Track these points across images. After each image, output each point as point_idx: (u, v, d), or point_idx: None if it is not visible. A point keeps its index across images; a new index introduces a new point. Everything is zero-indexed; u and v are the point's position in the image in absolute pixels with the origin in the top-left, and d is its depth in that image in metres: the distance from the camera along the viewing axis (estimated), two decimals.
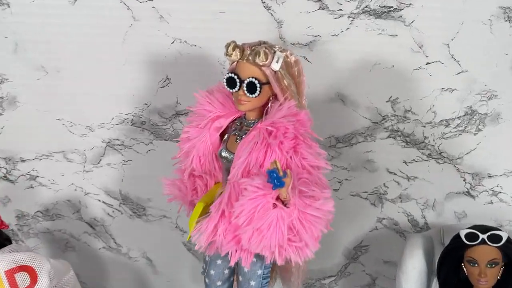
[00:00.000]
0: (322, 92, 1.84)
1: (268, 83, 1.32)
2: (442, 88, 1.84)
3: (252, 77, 1.30)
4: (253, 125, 1.38)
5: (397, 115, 1.87)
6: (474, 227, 1.51)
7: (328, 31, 1.78)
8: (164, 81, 1.86)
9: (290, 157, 1.29)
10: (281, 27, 1.79)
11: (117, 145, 1.93)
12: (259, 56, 1.28)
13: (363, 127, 1.89)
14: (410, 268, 1.62)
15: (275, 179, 1.22)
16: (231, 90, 1.34)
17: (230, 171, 1.36)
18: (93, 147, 1.97)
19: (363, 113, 1.88)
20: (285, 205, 1.28)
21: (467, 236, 1.48)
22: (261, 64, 1.30)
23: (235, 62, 1.34)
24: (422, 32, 1.78)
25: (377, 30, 1.79)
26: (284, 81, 1.33)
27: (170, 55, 1.82)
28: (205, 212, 1.39)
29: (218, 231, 1.33)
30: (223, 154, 1.42)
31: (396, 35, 1.79)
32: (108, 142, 1.94)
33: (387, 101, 1.86)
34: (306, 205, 1.26)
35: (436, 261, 1.55)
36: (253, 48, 1.31)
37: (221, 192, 1.41)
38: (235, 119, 1.44)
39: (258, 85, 1.30)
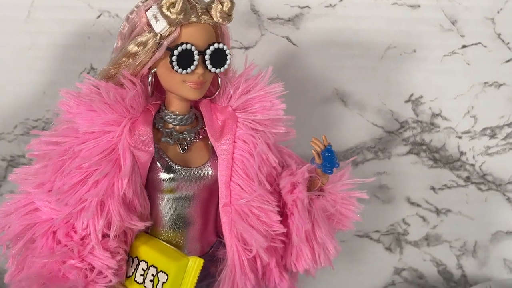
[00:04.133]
0: (314, 89, 1.60)
1: None
2: (485, 83, 1.60)
3: (217, 43, 1.08)
4: (192, 120, 1.15)
5: (421, 122, 1.62)
6: None
7: (321, 0, 1.55)
8: (88, 72, 1.60)
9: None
10: None
11: (24, 164, 1.59)
12: (223, 6, 1.07)
13: (373, 139, 1.64)
14: None
15: (334, 160, 1.11)
16: (183, 72, 1.06)
17: (223, 193, 1.12)
18: None
19: (373, 119, 1.62)
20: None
21: None
22: (225, 20, 1.08)
23: (177, 29, 1.06)
24: (455, 2, 1.56)
25: None
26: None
27: (95, 35, 1.58)
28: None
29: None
30: (176, 173, 1.10)
31: (419, 6, 1.56)
32: (10, 161, 1.68)
33: (406, 101, 1.61)
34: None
35: None
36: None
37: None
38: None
39: (227, 51, 1.09)
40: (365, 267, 1.71)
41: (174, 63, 1.04)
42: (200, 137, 1.13)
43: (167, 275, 1.04)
